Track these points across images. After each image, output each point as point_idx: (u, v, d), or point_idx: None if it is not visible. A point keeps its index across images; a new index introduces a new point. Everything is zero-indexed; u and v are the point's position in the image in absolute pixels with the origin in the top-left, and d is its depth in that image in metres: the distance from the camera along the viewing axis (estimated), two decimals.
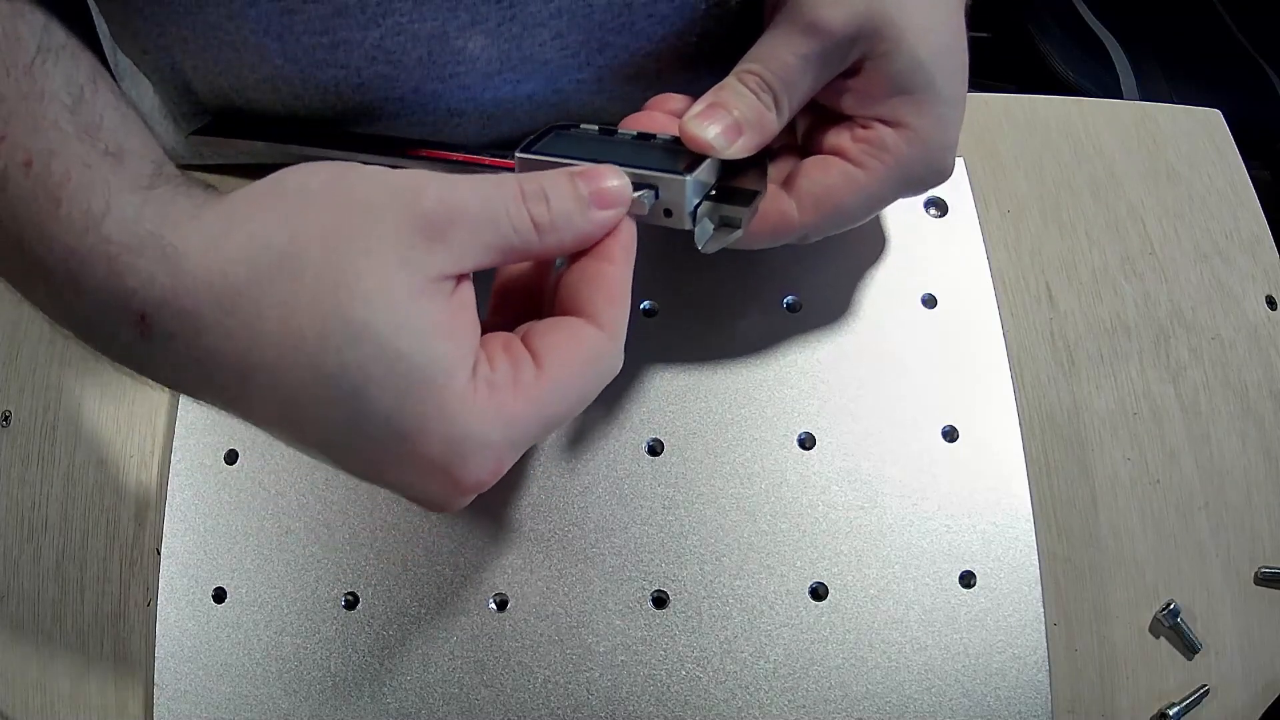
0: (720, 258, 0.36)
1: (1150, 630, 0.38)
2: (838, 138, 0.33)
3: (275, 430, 0.26)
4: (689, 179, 0.29)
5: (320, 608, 0.36)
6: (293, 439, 0.26)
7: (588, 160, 0.29)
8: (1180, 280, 0.44)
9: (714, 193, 0.31)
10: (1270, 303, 0.44)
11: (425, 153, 0.36)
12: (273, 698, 0.35)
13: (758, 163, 0.32)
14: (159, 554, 0.37)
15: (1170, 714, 0.36)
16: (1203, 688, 0.37)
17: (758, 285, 0.40)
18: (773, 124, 0.31)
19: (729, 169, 0.32)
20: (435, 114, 0.40)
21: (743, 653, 0.35)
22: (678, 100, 0.34)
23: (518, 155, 0.31)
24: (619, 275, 0.28)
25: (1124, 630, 0.38)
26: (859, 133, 0.32)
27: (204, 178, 0.28)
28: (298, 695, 0.35)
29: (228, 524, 0.37)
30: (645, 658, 0.35)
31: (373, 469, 0.26)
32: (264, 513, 0.37)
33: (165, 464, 0.38)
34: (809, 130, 0.35)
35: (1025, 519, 0.37)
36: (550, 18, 0.37)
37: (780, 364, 0.39)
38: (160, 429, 0.40)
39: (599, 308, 0.27)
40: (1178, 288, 0.44)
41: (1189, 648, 0.38)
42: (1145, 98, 0.80)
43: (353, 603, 0.36)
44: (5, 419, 0.41)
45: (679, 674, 0.35)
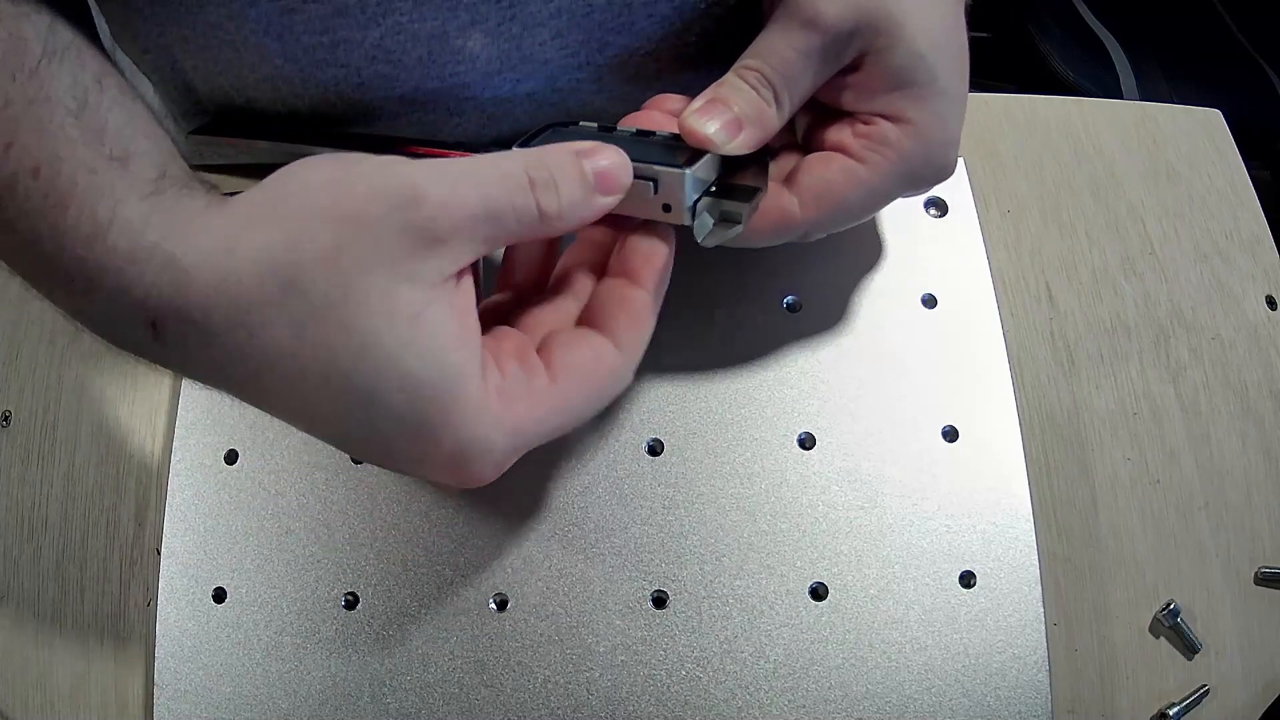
0: (720, 257, 0.37)
1: (1150, 630, 0.38)
2: (839, 134, 0.33)
3: (290, 422, 0.27)
4: (688, 173, 0.29)
5: (320, 608, 0.36)
6: (307, 431, 0.27)
7: None
8: (1180, 280, 0.44)
9: (714, 189, 0.31)
10: (1270, 303, 0.44)
11: (425, 151, 0.36)
12: (273, 698, 0.35)
13: (759, 160, 0.32)
14: (159, 554, 0.37)
15: (1170, 714, 0.36)
16: (1203, 688, 0.37)
17: (758, 285, 0.40)
18: (773, 120, 0.31)
19: (730, 166, 0.32)
20: (435, 113, 0.40)
21: (743, 653, 0.35)
22: (676, 100, 0.34)
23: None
24: (649, 303, 0.29)
25: (1124, 630, 0.38)
26: (860, 129, 0.32)
27: (206, 177, 0.28)
28: (298, 695, 0.35)
29: (228, 524, 0.37)
30: (645, 658, 0.35)
31: (384, 460, 0.28)
32: (264, 513, 0.37)
33: (165, 464, 0.38)
34: (810, 127, 0.35)
35: (1025, 519, 0.37)
36: (550, 17, 0.37)
37: (780, 364, 0.39)
38: (160, 429, 0.40)
39: (621, 329, 0.29)
40: (1178, 288, 0.44)
41: (1189, 648, 0.38)
42: (1145, 98, 0.80)
43: (353, 603, 0.36)
44: (5, 419, 0.41)
45: (679, 674, 0.35)
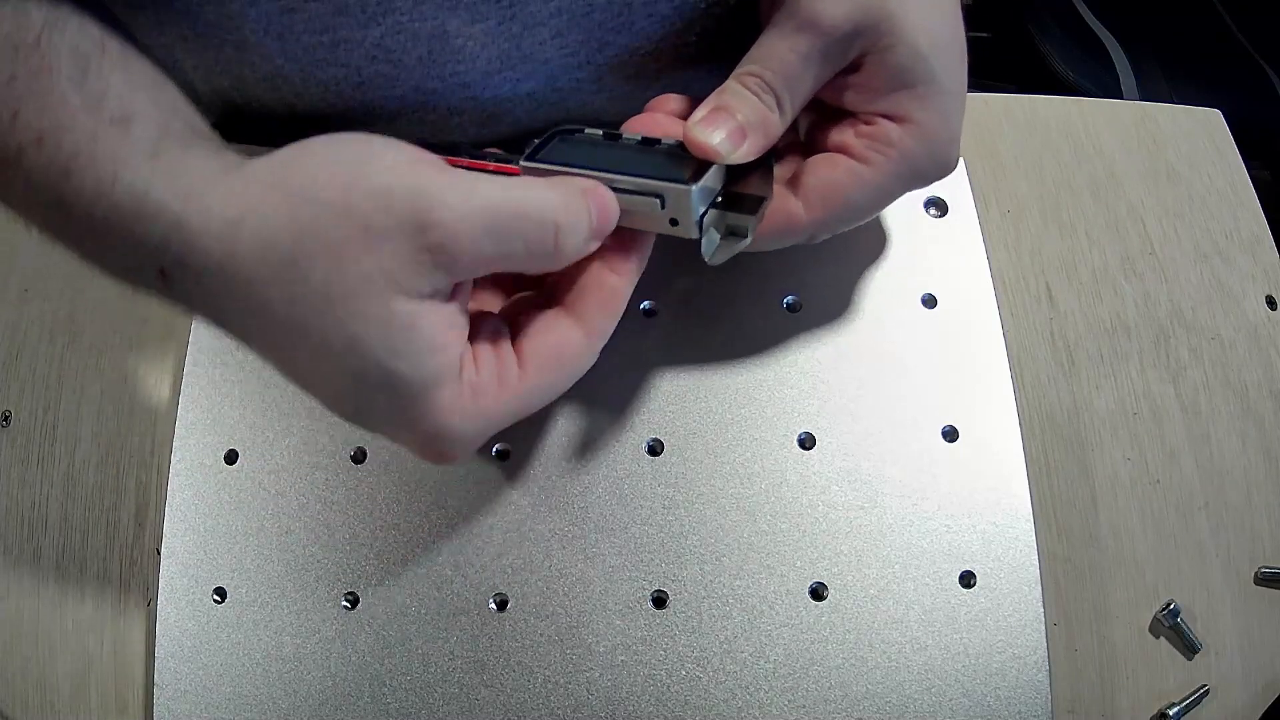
0: None
1: (1150, 630, 0.38)
2: (841, 135, 0.33)
3: (288, 379, 0.28)
4: (694, 189, 0.29)
5: (320, 608, 0.36)
6: (303, 389, 0.28)
7: (594, 169, 0.29)
8: (1180, 280, 0.44)
9: (720, 200, 0.30)
10: (1270, 303, 0.44)
11: (459, 162, 0.35)
12: (273, 698, 0.35)
13: (764, 165, 0.32)
14: (159, 554, 0.37)
15: (1170, 714, 0.36)
16: (1203, 688, 0.37)
17: (758, 285, 0.40)
18: (776, 125, 0.31)
19: (735, 172, 0.31)
20: (435, 112, 0.40)
21: (743, 653, 0.35)
22: (677, 101, 0.34)
23: (522, 164, 0.31)
24: (621, 289, 0.30)
25: (1124, 630, 0.38)
26: (862, 129, 0.32)
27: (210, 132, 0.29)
28: (298, 695, 0.35)
29: (228, 524, 0.37)
30: (645, 658, 0.35)
31: (371, 428, 0.29)
32: (264, 513, 0.37)
33: (165, 464, 0.38)
34: (812, 128, 0.35)
35: (1025, 519, 0.37)
36: (550, 17, 0.36)
37: (780, 364, 0.39)
38: (160, 429, 0.40)
39: (591, 313, 0.29)
40: (1178, 288, 0.44)
41: (1189, 648, 0.38)
42: (1145, 98, 0.80)
43: (353, 603, 0.36)
44: (5, 419, 0.41)
45: (679, 674, 0.35)
